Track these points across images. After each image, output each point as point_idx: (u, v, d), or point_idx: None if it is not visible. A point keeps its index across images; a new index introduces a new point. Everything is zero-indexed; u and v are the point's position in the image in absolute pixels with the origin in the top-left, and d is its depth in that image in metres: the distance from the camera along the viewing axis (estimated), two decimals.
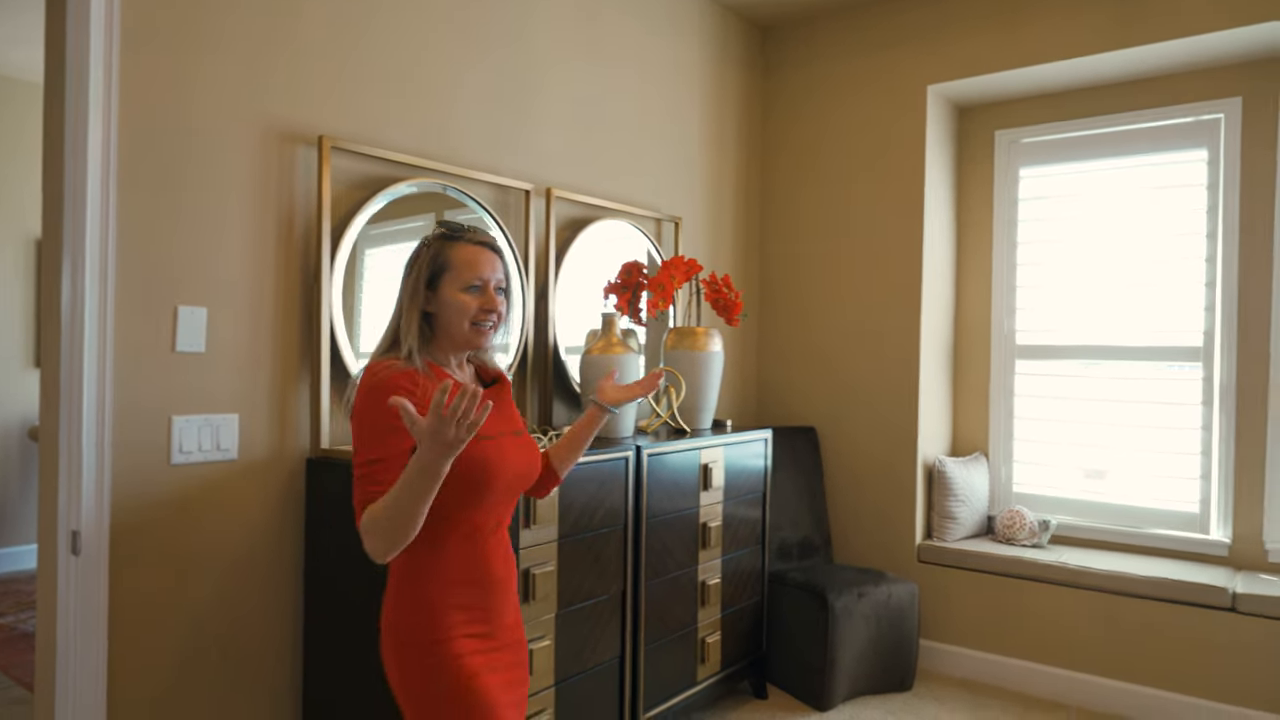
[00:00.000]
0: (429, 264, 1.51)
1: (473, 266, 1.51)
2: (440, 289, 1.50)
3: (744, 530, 3.20)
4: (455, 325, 1.50)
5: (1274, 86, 3.30)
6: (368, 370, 1.45)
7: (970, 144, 3.98)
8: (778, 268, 4.12)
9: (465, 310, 1.50)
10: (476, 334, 1.52)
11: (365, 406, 1.41)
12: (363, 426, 1.41)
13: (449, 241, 1.52)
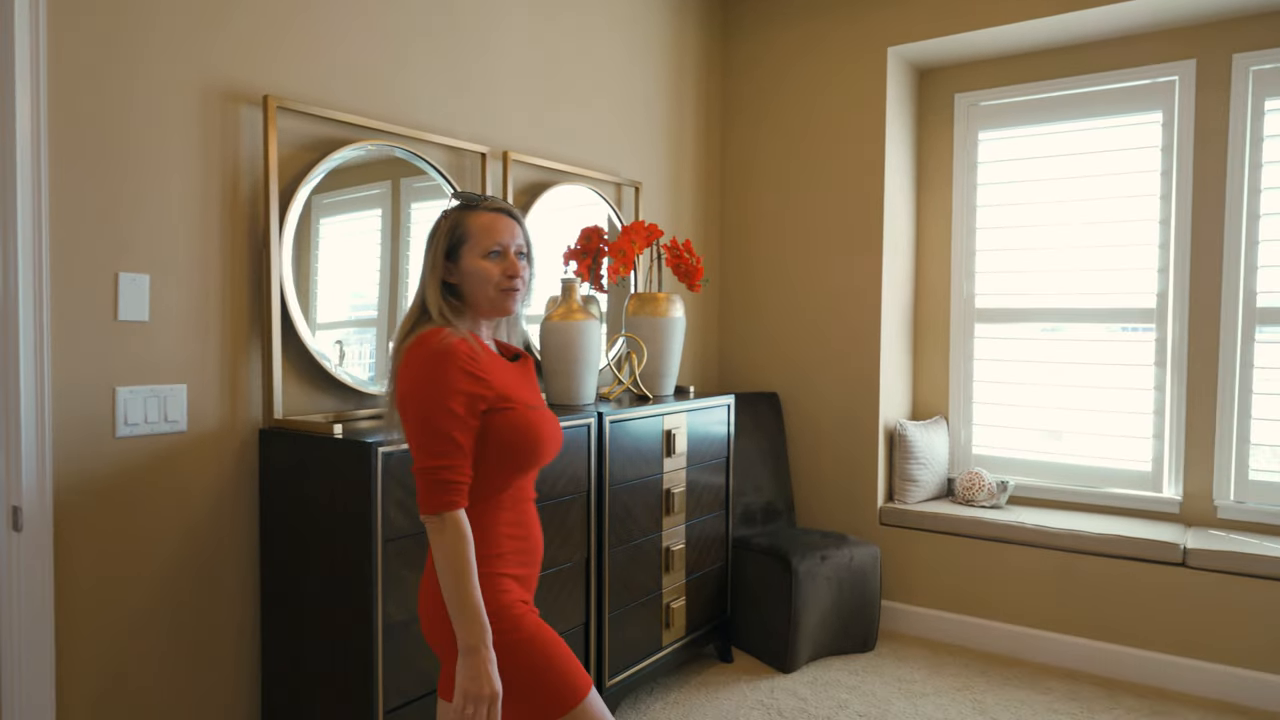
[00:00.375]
0: (447, 235, 1.51)
1: (491, 233, 1.51)
2: (461, 259, 1.51)
3: (708, 496, 3.21)
4: (480, 293, 1.50)
5: (1226, 49, 3.33)
6: (420, 339, 1.43)
7: (930, 107, 3.97)
8: (739, 233, 4.09)
9: (488, 277, 1.50)
10: (503, 299, 1.52)
11: (427, 376, 1.39)
12: (425, 401, 1.38)
13: (467, 211, 1.53)
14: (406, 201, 2.65)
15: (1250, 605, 3.02)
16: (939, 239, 3.98)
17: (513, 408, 1.46)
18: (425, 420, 1.38)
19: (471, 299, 1.52)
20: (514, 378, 1.53)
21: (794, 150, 3.92)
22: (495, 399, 1.44)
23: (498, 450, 1.45)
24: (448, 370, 1.39)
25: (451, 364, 1.39)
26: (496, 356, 1.52)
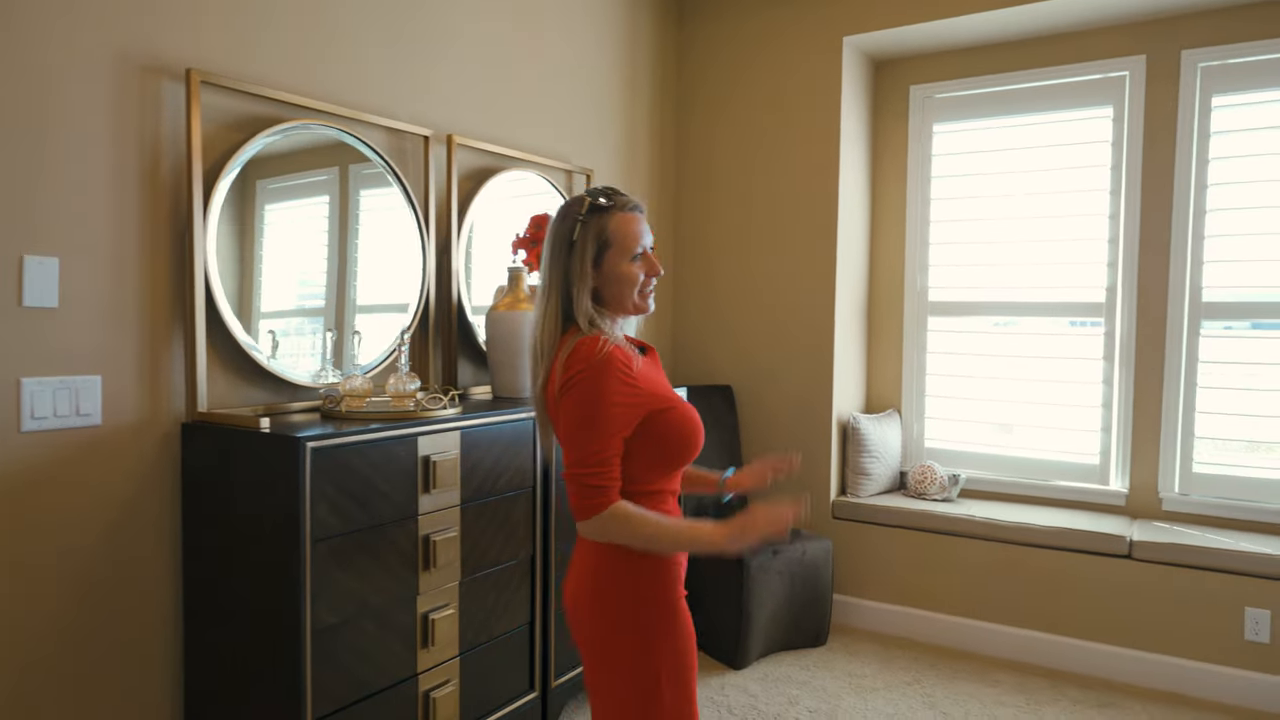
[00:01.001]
0: (593, 242, 1.49)
1: (635, 236, 1.51)
2: (604, 264, 1.50)
3: None
4: (625, 297, 1.52)
5: (1175, 45, 3.35)
6: (578, 347, 1.44)
7: (885, 99, 3.94)
8: (693, 224, 4.03)
9: (634, 281, 1.51)
10: (645, 301, 1.55)
11: (589, 387, 1.41)
12: (587, 410, 1.41)
13: (603, 214, 1.50)
14: (355, 188, 2.56)
15: (1194, 596, 3.05)
16: (894, 231, 3.96)
17: (672, 408, 1.49)
18: (581, 429, 1.41)
19: (614, 302, 1.52)
20: (654, 374, 1.54)
21: (750, 141, 3.87)
22: (651, 402, 1.47)
23: (656, 449, 1.48)
24: (608, 382, 1.41)
25: (612, 375, 1.42)
26: (638, 356, 1.52)
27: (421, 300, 2.71)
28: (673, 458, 1.50)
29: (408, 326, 2.63)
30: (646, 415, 1.46)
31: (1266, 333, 3.26)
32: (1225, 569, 3.01)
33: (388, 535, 2.08)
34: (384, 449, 2.05)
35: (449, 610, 2.25)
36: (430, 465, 2.16)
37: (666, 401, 1.49)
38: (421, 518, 2.16)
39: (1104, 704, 2.96)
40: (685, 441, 1.50)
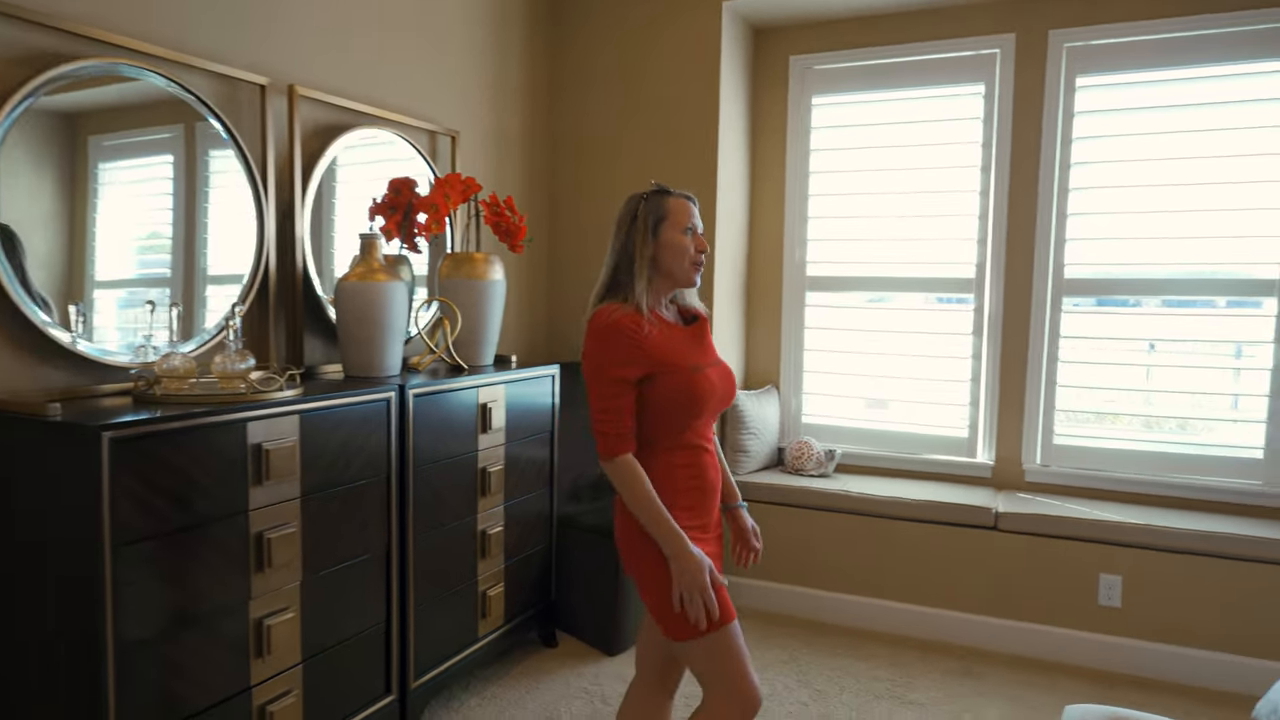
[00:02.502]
0: (652, 214, 1.75)
1: (686, 214, 1.78)
2: (661, 234, 1.75)
3: (530, 473, 2.98)
4: (676, 265, 1.76)
5: (1043, 25, 3.39)
6: (597, 314, 1.72)
7: (765, 68, 3.86)
8: (568, 193, 3.85)
9: (684, 250, 1.76)
10: (692, 271, 1.78)
11: (597, 347, 1.69)
12: (595, 367, 1.68)
13: (663, 196, 1.78)
14: (204, 148, 2.29)
15: (1053, 565, 3.14)
16: (773, 205, 3.89)
17: (673, 371, 1.70)
18: (595, 383, 1.69)
19: (666, 269, 1.76)
20: (683, 342, 1.77)
21: (626, 107, 3.71)
22: (654, 365, 1.69)
23: (660, 407, 1.70)
24: (612, 344, 1.67)
25: (615, 338, 1.67)
26: (671, 324, 1.78)
27: (259, 270, 2.43)
28: (678, 415, 1.72)
29: (239, 299, 2.36)
30: (647, 375, 1.69)
31: (1121, 309, 3.38)
32: (1081, 537, 3.11)
33: (212, 535, 1.84)
34: (205, 437, 1.81)
35: (288, 614, 2.03)
36: (263, 454, 1.93)
37: (672, 365, 1.71)
38: (253, 513, 1.92)
39: (971, 673, 3.02)
40: (683, 401, 1.71)
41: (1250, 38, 3.13)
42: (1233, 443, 3.25)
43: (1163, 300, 3.31)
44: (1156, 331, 3.34)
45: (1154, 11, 3.22)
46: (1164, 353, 3.36)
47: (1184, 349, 3.33)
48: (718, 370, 1.80)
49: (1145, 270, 3.31)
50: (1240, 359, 3.25)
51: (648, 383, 1.69)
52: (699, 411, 1.73)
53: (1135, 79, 3.31)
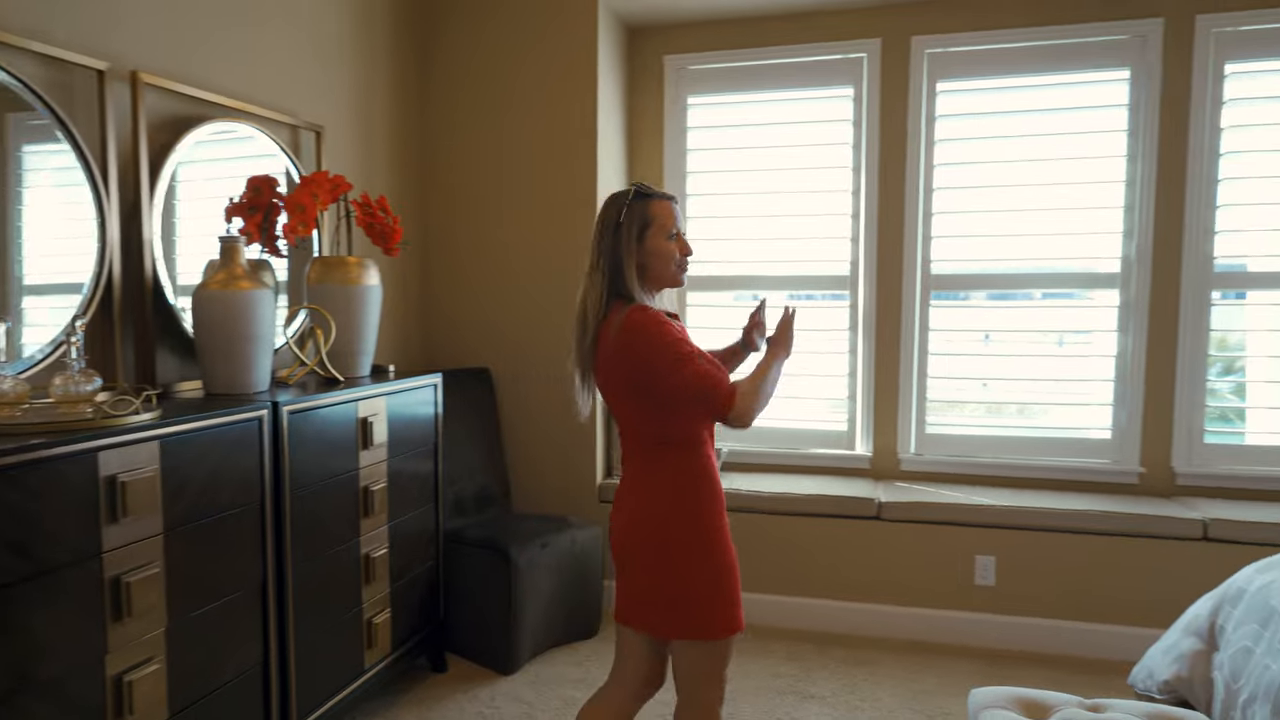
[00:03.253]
0: (637, 221, 1.75)
1: (670, 218, 1.78)
2: (646, 241, 1.75)
3: (414, 489, 2.82)
4: (663, 269, 1.78)
5: (907, 30, 3.52)
6: (634, 312, 1.71)
7: (640, 68, 3.83)
8: (443, 195, 3.68)
9: (670, 256, 1.78)
10: (679, 274, 1.81)
11: (658, 332, 1.69)
12: (664, 345, 1.68)
13: (645, 200, 1.77)
14: (17, 142, 1.99)
15: (933, 549, 3.26)
16: None
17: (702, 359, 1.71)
18: (676, 366, 1.66)
19: (654, 275, 1.78)
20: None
21: (501, 106, 3.58)
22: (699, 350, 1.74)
23: None
24: (668, 328, 1.70)
25: (665, 324, 1.70)
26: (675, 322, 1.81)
27: (101, 277, 2.16)
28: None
29: (80, 311, 2.09)
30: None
31: (985, 304, 3.56)
32: (958, 521, 3.25)
33: (59, 584, 1.60)
34: (47, 472, 1.57)
35: (153, 665, 1.80)
36: (118, 487, 1.70)
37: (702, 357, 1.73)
38: (108, 555, 1.69)
39: (864, 661, 3.09)
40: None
41: (1093, 49, 3.36)
42: (1085, 425, 3.49)
43: (1019, 295, 3.52)
44: (1011, 323, 3.54)
45: (1007, 22, 3.41)
46: (1021, 343, 3.57)
47: (1039, 338, 3.55)
48: None
49: (1003, 266, 3.50)
50: (1090, 346, 3.49)
51: None
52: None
53: (990, 85, 3.49)
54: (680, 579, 1.73)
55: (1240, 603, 1.94)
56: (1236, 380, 3.38)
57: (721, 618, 1.74)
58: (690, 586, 1.72)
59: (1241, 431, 3.37)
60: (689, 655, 1.76)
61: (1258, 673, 1.75)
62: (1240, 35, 3.23)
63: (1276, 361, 3.34)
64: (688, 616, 1.73)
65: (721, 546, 1.76)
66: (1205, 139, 3.26)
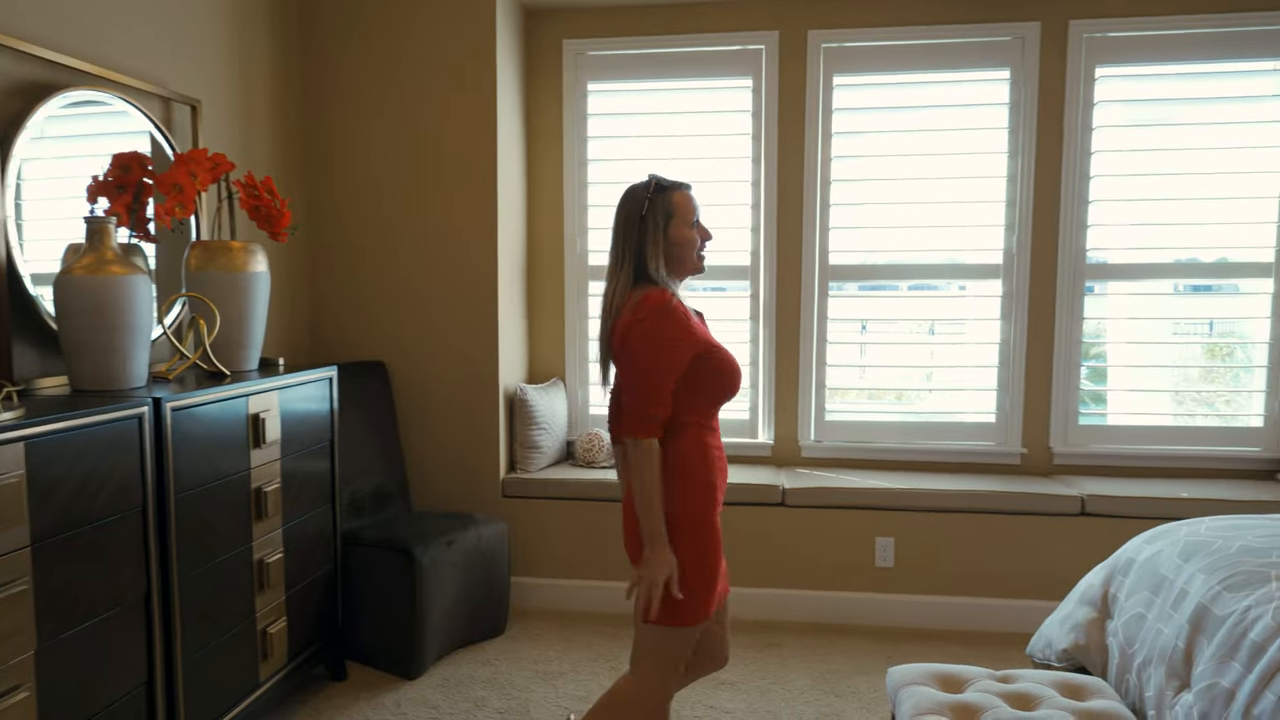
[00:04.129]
0: (661, 212, 1.81)
1: (690, 207, 1.85)
2: (670, 230, 1.82)
3: (309, 489, 2.65)
4: (686, 256, 1.84)
5: (803, 24, 3.57)
6: (647, 296, 1.75)
7: (539, 51, 3.74)
8: (332, 177, 3.48)
9: (692, 243, 1.84)
10: (700, 260, 1.88)
11: (655, 330, 1.72)
12: (653, 346, 1.72)
13: (668, 193, 1.83)
14: None
15: (834, 533, 3.34)
16: (552, 192, 3.79)
17: (714, 352, 1.80)
18: (651, 371, 1.72)
19: (678, 262, 1.84)
20: (703, 327, 1.87)
21: (394, 84, 3.42)
22: (701, 346, 1.78)
23: (700, 386, 1.77)
24: (675, 326, 1.73)
25: (676, 321, 1.74)
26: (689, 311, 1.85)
27: None
28: (714, 395, 1.82)
29: None
30: (695, 356, 1.77)
31: (880, 293, 3.67)
32: (857, 505, 3.33)
33: None
34: None
35: (21, 694, 1.61)
36: None
37: (713, 347, 1.81)
38: None
39: (769, 644, 3.13)
40: (726, 380, 1.81)
41: (977, 49, 3.51)
42: (972, 409, 3.65)
43: (910, 284, 3.65)
44: (902, 312, 3.67)
45: (898, 19, 3.51)
46: (918, 332, 3.70)
47: (927, 328, 3.69)
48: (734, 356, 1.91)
49: (896, 256, 3.62)
50: (976, 334, 3.66)
51: (695, 363, 1.77)
52: (733, 390, 1.85)
53: (883, 80, 3.59)
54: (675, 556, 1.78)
55: (1130, 572, 2.06)
56: (1100, 365, 3.62)
57: (683, 607, 1.75)
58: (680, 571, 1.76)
59: (1105, 413, 3.60)
60: (646, 636, 1.80)
61: (1151, 637, 1.86)
62: (1109, 41, 3.44)
63: (1137, 347, 3.59)
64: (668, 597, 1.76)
65: (694, 536, 1.76)
66: (1078, 138, 3.46)
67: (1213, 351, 3.66)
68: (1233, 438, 3.52)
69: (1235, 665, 1.57)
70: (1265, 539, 1.86)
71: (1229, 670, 1.58)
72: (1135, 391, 3.61)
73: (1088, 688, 1.86)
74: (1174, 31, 3.40)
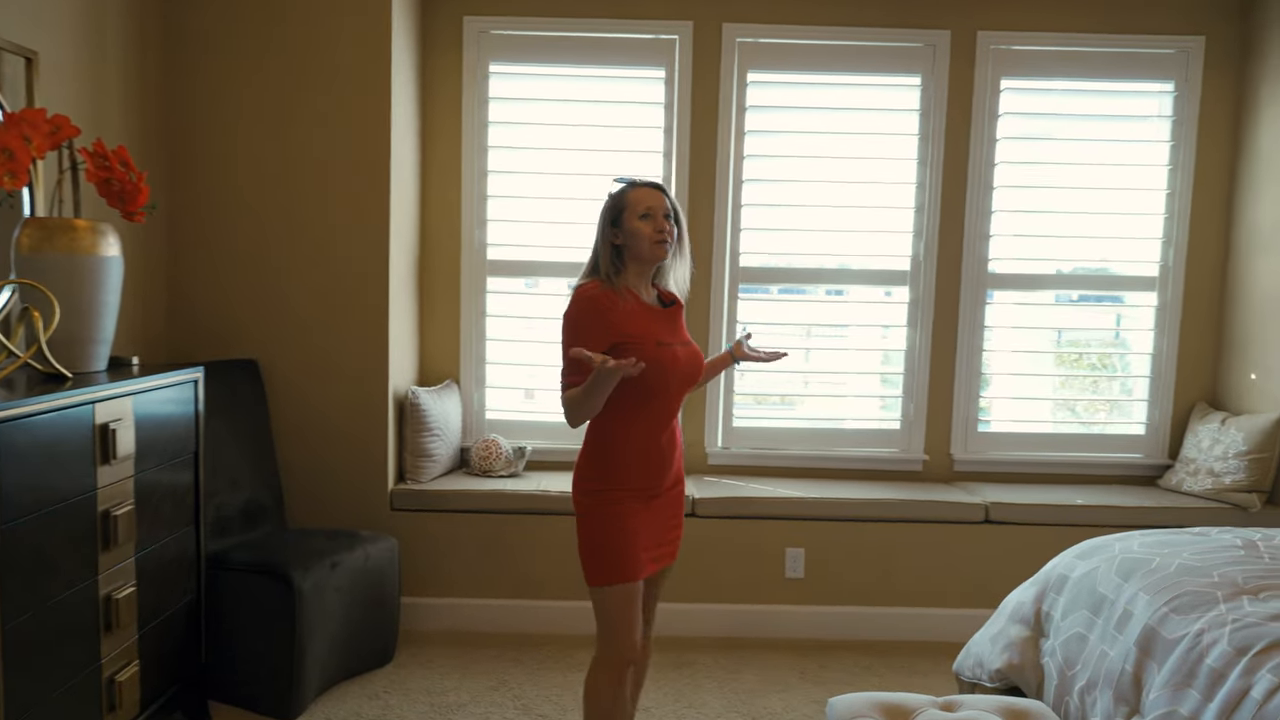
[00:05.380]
0: (611, 208, 1.99)
1: (642, 201, 1.98)
2: (623, 224, 1.97)
3: (169, 508, 2.30)
4: (639, 246, 1.97)
5: (718, 17, 3.44)
6: (578, 289, 1.96)
7: (436, 28, 3.45)
8: (200, 151, 3.08)
9: (642, 233, 1.96)
10: (657, 249, 1.98)
11: (570, 315, 1.94)
12: (566, 331, 1.94)
13: (625, 190, 2.01)
14: None
15: (745, 545, 3.24)
16: (448, 180, 3.50)
17: (639, 345, 1.91)
18: (565, 349, 1.93)
19: (634, 252, 1.98)
20: (654, 320, 1.99)
21: (271, 50, 3.05)
22: (621, 337, 1.91)
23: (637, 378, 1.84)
24: (583, 314, 1.92)
25: (587, 309, 1.92)
26: (647, 305, 2.00)
27: None
28: (637, 387, 1.88)
29: None
30: (614, 345, 1.89)
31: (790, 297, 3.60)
32: (768, 515, 3.24)
33: None
34: None
35: None
36: None
37: (638, 339, 1.91)
38: None
39: (682, 663, 2.98)
40: (645, 376, 1.83)
41: (891, 53, 3.48)
42: (878, 416, 3.64)
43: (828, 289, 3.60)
44: (815, 317, 3.62)
45: (814, 18, 3.43)
46: (819, 336, 3.66)
47: (835, 333, 3.65)
48: (686, 350, 2.02)
49: (807, 260, 3.56)
50: (884, 341, 3.64)
51: (614, 353, 1.86)
52: (661, 385, 1.94)
53: (799, 79, 3.52)
54: (578, 527, 2.00)
55: (1065, 589, 2.02)
56: (1000, 374, 3.67)
57: (603, 566, 1.96)
58: (580, 532, 2.00)
59: (1003, 420, 3.65)
60: (593, 599, 2.01)
61: (1095, 660, 1.81)
62: (1014, 54, 3.49)
63: (1026, 356, 3.67)
64: (584, 564, 2.00)
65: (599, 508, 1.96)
66: (984, 148, 3.49)
67: (1099, 362, 3.80)
68: (1117, 445, 3.64)
69: (1193, 693, 1.53)
70: (1201, 556, 1.85)
71: (1186, 698, 1.54)
72: (1021, 399, 3.69)
73: (1031, 713, 1.80)
74: (1074, 48, 3.47)
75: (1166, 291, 3.56)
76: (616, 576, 1.96)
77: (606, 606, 1.99)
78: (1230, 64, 3.48)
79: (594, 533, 1.99)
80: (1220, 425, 3.36)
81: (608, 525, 1.97)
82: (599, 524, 1.98)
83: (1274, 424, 3.20)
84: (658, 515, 2.05)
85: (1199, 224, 3.53)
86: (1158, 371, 3.59)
